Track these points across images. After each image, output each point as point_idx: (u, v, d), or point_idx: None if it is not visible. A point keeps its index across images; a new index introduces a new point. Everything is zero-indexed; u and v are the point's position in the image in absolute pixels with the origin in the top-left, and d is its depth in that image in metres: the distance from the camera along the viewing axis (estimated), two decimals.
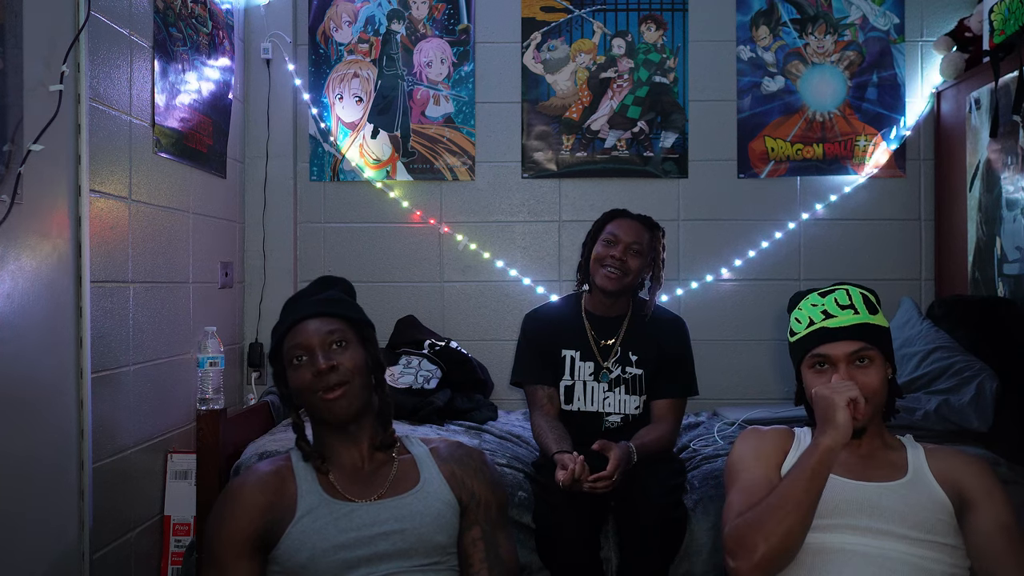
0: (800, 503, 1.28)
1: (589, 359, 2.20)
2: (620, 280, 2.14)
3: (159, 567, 2.34)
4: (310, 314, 1.45)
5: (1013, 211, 2.47)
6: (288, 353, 1.45)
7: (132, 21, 2.17)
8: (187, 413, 2.46)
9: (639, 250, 2.16)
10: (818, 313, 1.46)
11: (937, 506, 1.35)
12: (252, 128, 3.07)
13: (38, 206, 1.73)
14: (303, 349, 1.43)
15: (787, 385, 3.06)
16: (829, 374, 1.42)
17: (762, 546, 1.26)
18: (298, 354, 1.43)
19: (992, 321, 2.46)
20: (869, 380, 1.41)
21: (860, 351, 1.41)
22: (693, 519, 2.00)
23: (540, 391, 2.20)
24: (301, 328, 1.44)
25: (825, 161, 3.08)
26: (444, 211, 3.12)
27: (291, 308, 1.52)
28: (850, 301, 1.46)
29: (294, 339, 1.44)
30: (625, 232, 2.16)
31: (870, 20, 3.08)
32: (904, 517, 1.33)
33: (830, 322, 1.44)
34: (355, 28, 3.11)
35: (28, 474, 1.70)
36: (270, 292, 3.03)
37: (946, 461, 1.41)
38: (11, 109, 1.61)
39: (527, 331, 2.30)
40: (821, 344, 1.44)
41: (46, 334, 1.77)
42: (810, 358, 1.46)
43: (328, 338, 1.43)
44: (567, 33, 3.10)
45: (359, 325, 1.50)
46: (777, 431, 1.54)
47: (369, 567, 1.32)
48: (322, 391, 1.41)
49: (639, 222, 2.21)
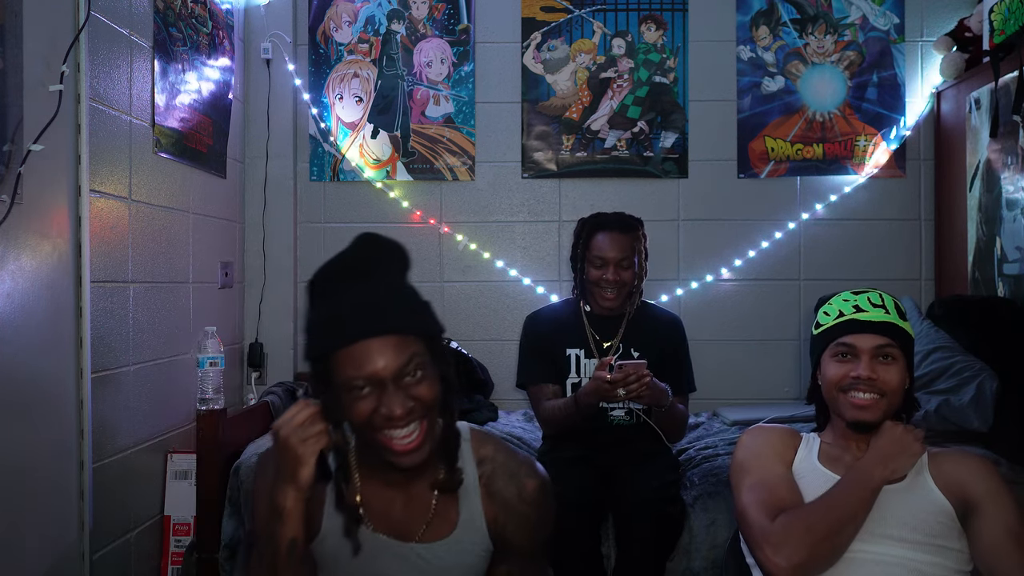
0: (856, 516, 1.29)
1: (592, 357, 2.24)
2: (619, 297, 2.21)
3: (159, 567, 2.34)
4: (375, 331, 1.08)
5: (1013, 211, 2.47)
6: (346, 382, 1.08)
7: (132, 21, 2.17)
8: (187, 413, 2.46)
9: (628, 263, 2.20)
10: (849, 307, 1.47)
11: (937, 509, 1.35)
12: (252, 128, 3.07)
13: (38, 206, 1.73)
14: (368, 381, 1.08)
15: (787, 385, 3.08)
16: (851, 365, 1.42)
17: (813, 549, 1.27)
18: (361, 385, 1.08)
19: (992, 321, 2.46)
20: (890, 377, 1.41)
21: (886, 347, 1.42)
22: (692, 515, 2.02)
23: (546, 387, 2.24)
24: (365, 354, 1.07)
25: (825, 161, 3.08)
26: (444, 211, 3.12)
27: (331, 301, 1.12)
28: (882, 302, 1.47)
29: (356, 368, 1.07)
30: (612, 249, 2.19)
31: (870, 20, 3.08)
32: (904, 521, 1.33)
33: (860, 315, 1.44)
34: (355, 28, 3.11)
35: (28, 474, 1.70)
36: (270, 292, 3.03)
37: (948, 465, 1.40)
38: (11, 109, 1.61)
39: (529, 333, 2.33)
40: (849, 334, 1.44)
41: (46, 334, 1.77)
42: (835, 346, 1.45)
43: (404, 368, 1.08)
44: (567, 33, 3.10)
45: (434, 339, 1.15)
46: (784, 429, 1.53)
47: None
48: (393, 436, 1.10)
49: (620, 231, 2.22)
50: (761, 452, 1.46)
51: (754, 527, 1.34)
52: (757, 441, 1.49)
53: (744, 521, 1.38)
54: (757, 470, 1.43)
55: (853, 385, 1.41)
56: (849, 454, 1.45)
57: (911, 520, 1.33)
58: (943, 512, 1.35)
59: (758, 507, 1.36)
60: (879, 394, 1.40)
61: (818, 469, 1.43)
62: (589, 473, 2.00)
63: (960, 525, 1.34)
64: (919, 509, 1.35)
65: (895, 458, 1.34)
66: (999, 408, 2.25)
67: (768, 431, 1.52)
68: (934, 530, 1.32)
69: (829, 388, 1.46)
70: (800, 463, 1.46)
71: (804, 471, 1.44)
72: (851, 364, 1.42)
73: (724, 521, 2.00)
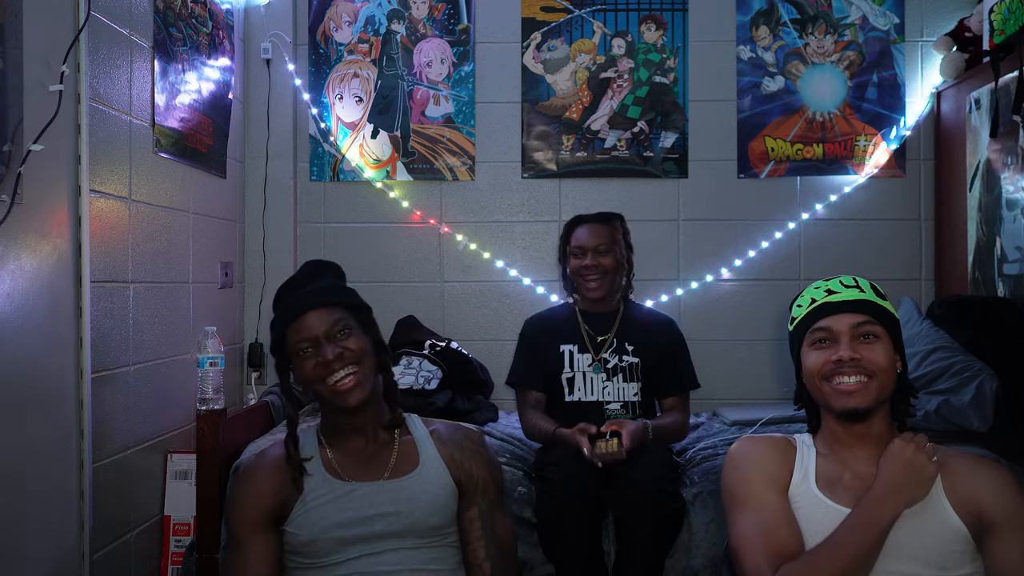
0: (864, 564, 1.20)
1: (586, 352, 2.30)
2: (602, 282, 2.28)
3: (159, 567, 2.34)
4: (310, 306, 1.47)
5: (1013, 211, 2.47)
6: (293, 347, 1.47)
7: (132, 21, 2.17)
8: (187, 413, 2.46)
9: (606, 248, 2.28)
10: (821, 293, 1.37)
11: (951, 536, 1.24)
12: (252, 128, 3.07)
13: (38, 206, 1.73)
14: (309, 341, 1.45)
15: (787, 385, 3.05)
16: (831, 350, 1.31)
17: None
18: (304, 347, 1.46)
19: (992, 321, 2.46)
20: (875, 356, 1.29)
21: (864, 324, 1.31)
22: (692, 513, 2.03)
23: (532, 395, 2.31)
24: (303, 322, 1.46)
25: (825, 161, 3.08)
26: (444, 211, 3.12)
27: (286, 300, 1.52)
28: (855, 283, 1.36)
29: (299, 333, 1.46)
30: (588, 238, 2.30)
31: (870, 20, 3.08)
32: (915, 554, 1.23)
33: (833, 297, 1.34)
34: (355, 28, 3.11)
35: (28, 474, 1.70)
36: (270, 292, 2.99)
37: (963, 478, 1.27)
38: (11, 109, 1.61)
39: (526, 335, 2.41)
40: (823, 317, 1.33)
41: (46, 334, 1.77)
42: (810, 334, 1.35)
43: (332, 328, 1.46)
44: (567, 33, 3.10)
45: (359, 311, 1.53)
46: (775, 443, 1.41)
47: (366, 545, 1.41)
48: (332, 380, 1.44)
49: (596, 222, 2.34)
50: (752, 478, 1.35)
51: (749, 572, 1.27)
52: (749, 463, 1.38)
53: (740, 563, 1.30)
54: (752, 503, 1.32)
55: (836, 370, 1.30)
56: (848, 471, 1.33)
57: (922, 552, 1.23)
58: (957, 538, 1.24)
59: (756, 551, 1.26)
60: (866, 376, 1.29)
61: (817, 498, 1.32)
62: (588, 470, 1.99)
63: (975, 546, 1.24)
64: (930, 537, 1.24)
65: (907, 489, 1.21)
66: (999, 408, 2.25)
67: (759, 448, 1.40)
68: (947, 561, 1.23)
69: (812, 379, 1.34)
70: (797, 488, 1.35)
71: (801, 499, 1.33)
72: (831, 349, 1.31)
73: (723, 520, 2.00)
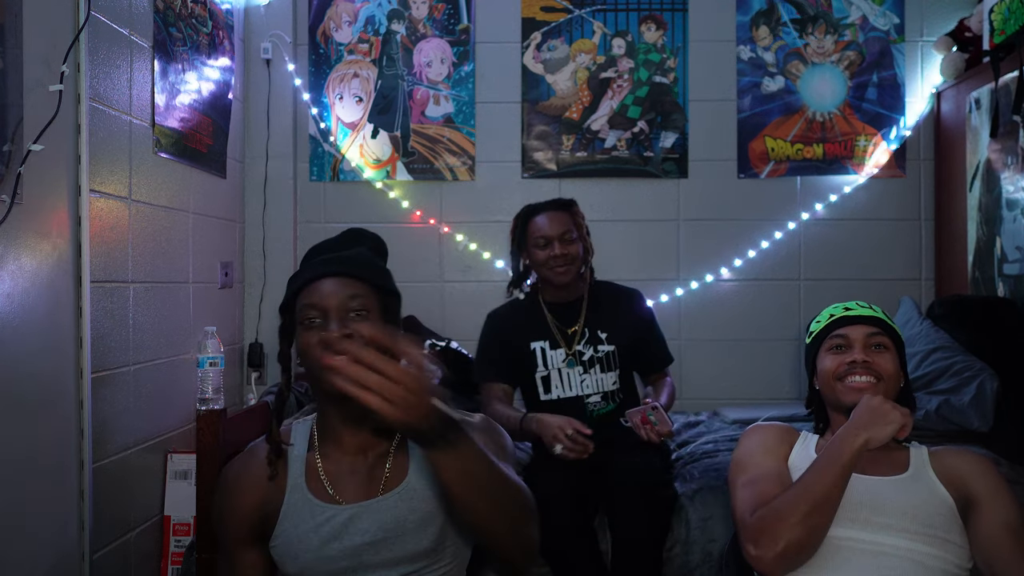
0: (829, 496, 1.28)
1: (558, 347, 2.24)
2: (570, 269, 2.21)
3: (159, 567, 2.34)
4: (332, 272, 1.28)
5: (1013, 211, 2.47)
6: (301, 311, 1.28)
7: (132, 21, 2.17)
8: (187, 413, 2.46)
9: (572, 236, 2.22)
10: (839, 309, 1.55)
11: (938, 501, 1.36)
12: (252, 128, 3.07)
13: (38, 206, 1.73)
14: (318, 311, 1.26)
15: (787, 385, 3.08)
16: (846, 354, 1.47)
17: (787, 536, 1.26)
18: (312, 315, 1.26)
19: (992, 321, 2.46)
20: (884, 363, 1.46)
21: (876, 335, 1.48)
22: (691, 508, 2.04)
23: (496, 387, 2.25)
24: (319, 287, 1.27)
25: (825, 161, 3.08)
26: (444, 211, 3.12)
27: (312, 259, 1.34)
28: (869, 306, 1.55)
29: (309, 297, 1.27)
30: (551, 227, 2.21)
31: (870, 20, 3.08)
32: (904, 511, 1.34)
33: (850, 312, 1.52)
34: (355, 28, 3.11)
35: (28, 474, 1.70)
36: (270, 292, 3.03)
37: (950, 460, 1.42)
38: (11, 109, 1.61)
39: (490, 331, 2.34)
40: (841, 327, 1.51)
41: (46, 334, 1.77)
42: (829, 340, 1.51)
43: (348, 303, 1.26)
44: (567, 33, 3.10)
45: (385, 294, 1.33)
46: (781, 426, 1.56)
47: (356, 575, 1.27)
48: None
49: (555, 209, 2.26)
50: (755, 450, 1.48)
51: (738, 524, 1.37)
52: (753, 440, 1.52)
53: (734, 520, 1.40)
54: (750, 468, 1.45)
55: (850, 371, 1.45)
56: None
57: (911, 511, 1.33)
58: (944, 505, 1.35)
59: (744, 504, 1.37)
60: (876, 378, 1.44)
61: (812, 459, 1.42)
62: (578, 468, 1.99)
63: (961, 520, 1.34)
64: (920, 500, 1.35)
65: (869, 426, 1.31)
66: (999, 408, 2.26)
67: (764, 429, 1.55)
68: (935, 522, 1.32)
69: (827, 380, 1.49)
70: (796, 456, 1.48)
71: (800, 462, 1.44)
72: (846, 353, 1.48)
73: (721, 516, 2.01)
